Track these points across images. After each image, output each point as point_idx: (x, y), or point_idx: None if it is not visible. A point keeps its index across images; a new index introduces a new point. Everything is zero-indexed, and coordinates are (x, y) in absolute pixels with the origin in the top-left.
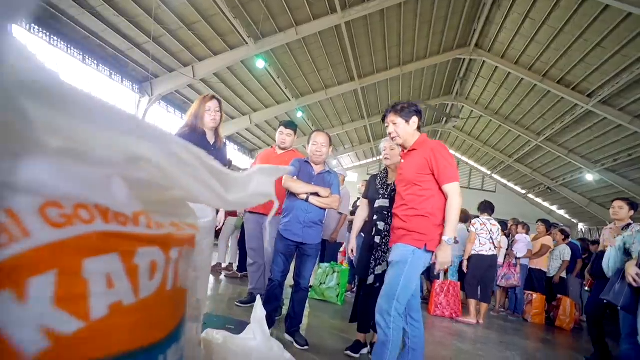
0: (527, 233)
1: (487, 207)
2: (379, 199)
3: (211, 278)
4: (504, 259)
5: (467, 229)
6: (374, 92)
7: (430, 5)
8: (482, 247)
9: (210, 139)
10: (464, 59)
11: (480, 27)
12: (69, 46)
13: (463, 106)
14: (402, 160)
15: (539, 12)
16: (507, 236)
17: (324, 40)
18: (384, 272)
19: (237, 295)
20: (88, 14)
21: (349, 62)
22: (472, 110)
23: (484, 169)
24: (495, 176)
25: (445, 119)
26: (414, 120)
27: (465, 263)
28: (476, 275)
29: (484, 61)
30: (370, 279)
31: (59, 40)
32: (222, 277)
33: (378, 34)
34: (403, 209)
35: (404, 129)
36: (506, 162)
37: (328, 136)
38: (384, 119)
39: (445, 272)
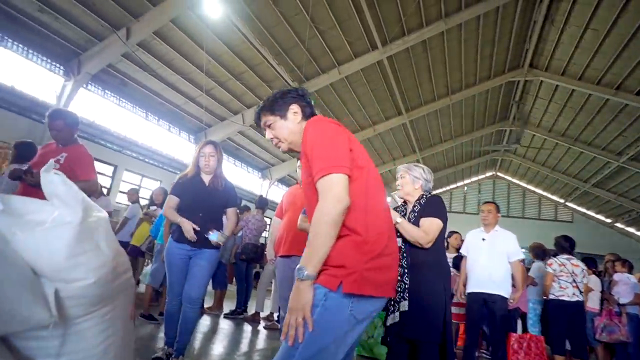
0: (629, 272)
1: (563, 246)
2: None
3: (249, 328)
4: (601, 305)
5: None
6: (424, 124)
7: (474, 30)
8: (563, 291)
9: (206, 181)
10: (519, 81)
11: (532, 46)
12: (134, 106)
13: (523, 131)
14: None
15: (602, 21)
16: (600, 275)
17: (367, 77)
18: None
19: (270, 353)
20: (150, 76)
21: (395, 96)
22: (534, 135)
23: (555, 197)
24: (571, 204)
25: (503, 146)
26: (294, 109)
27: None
28: (559, 325)
29: (541, 81)
30: (396, 317)
31: (127, 102)
32: (260, 327)
33: (422, 65)
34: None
35: (284, 128)
36: (582, 188)
37: None
38: (258, 124)
39: (524, 321)
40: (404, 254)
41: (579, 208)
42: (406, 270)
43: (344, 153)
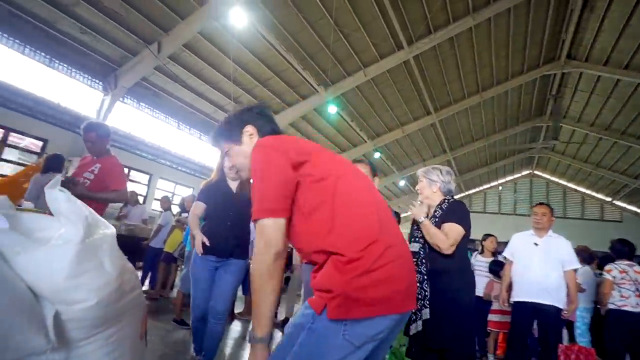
0: None
1: (620, 251)
2: (412, 241)
3: (278, 334)
4: None
5: (594, 272)
6: (454, 123)
7: (504, 23)
8: (625, 300)
9: (233, 187)
10: (555, 74)
11: (569, 36)
12: (167, 116)
13: (561, 126)
14: None
15: None
16: None
17: (393, 77)
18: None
19: None
20: (181, 87)
21: (423, 95)
22: (574, 130)
23: (600, 196)
24: (619, 203)
25: (540, 143)
26: (249, 131)
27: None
28: (618, 338)
29: (581, 73)
30: (418, 326)
31: (160, 112)
32: None
33: (450, 63)
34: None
35: (240, 155)
36: (632, 185)
37: (368, 166)
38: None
39: (571, 331)
40: (423, 260)
41: (629, 207)
42: (425, 277)
43: (277, 191)
